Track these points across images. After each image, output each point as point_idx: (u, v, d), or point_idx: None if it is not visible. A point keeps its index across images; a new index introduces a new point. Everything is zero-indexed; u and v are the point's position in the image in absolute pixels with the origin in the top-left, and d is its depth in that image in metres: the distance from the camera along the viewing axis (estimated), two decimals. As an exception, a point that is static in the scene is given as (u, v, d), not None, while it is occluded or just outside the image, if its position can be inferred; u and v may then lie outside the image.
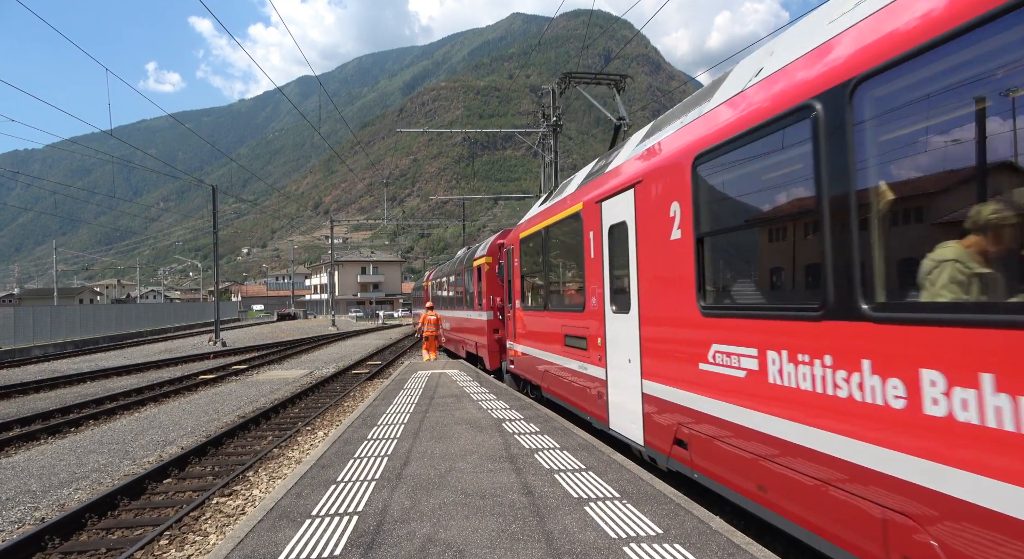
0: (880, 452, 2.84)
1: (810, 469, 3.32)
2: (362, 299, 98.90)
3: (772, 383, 3.65)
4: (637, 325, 5.72)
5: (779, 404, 3.59)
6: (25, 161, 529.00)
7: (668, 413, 5.09)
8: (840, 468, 3.09)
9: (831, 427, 3.16)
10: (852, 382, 3.03)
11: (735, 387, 4.03)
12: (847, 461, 3.04)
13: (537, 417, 8.56)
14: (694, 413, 4.60)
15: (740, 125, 4.02)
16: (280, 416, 11.82)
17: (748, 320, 3.94)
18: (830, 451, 3.16)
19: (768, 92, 3.84)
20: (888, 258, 2.91)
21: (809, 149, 3.35)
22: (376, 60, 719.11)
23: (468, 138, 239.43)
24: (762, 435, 3.74)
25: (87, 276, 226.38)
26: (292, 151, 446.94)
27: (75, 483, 7.48)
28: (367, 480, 5.60)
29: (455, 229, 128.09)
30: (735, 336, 4.06)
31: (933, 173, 2.76)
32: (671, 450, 5.06)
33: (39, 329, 32.18)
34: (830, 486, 3.17)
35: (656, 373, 5.33)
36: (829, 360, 3.18)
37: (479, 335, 15.39)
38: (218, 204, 32.70)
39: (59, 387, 16.74)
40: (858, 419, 2.98)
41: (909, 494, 2.67)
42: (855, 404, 3.00)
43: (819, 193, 3.26)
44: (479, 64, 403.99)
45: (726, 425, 4.16)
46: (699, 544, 3.88)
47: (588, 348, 7.25)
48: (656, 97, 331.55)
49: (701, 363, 4.45)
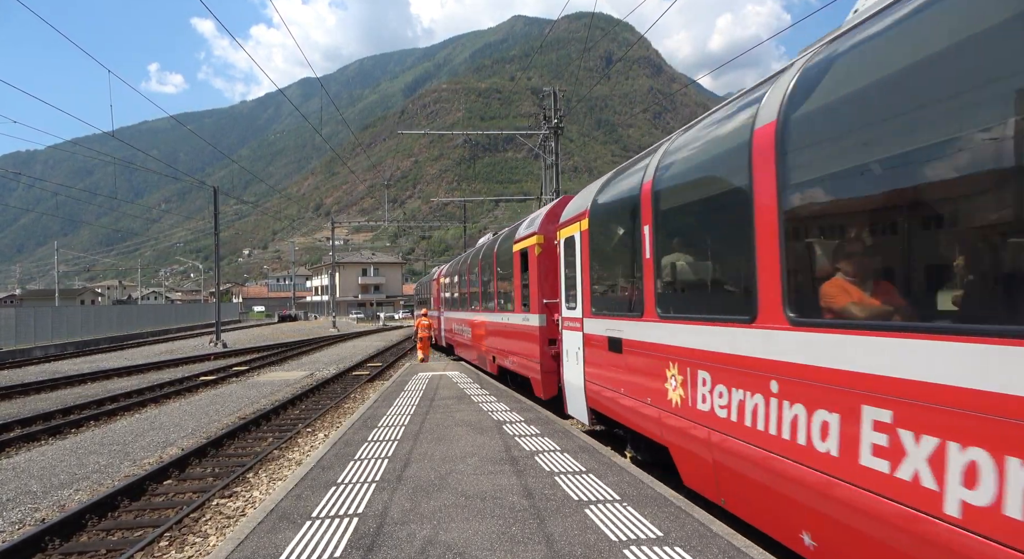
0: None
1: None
2: (363, 301, 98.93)
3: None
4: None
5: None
6: (27, 162, 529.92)
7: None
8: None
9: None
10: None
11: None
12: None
13: (538, 419, 8.55)
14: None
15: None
16: (280, 417, 11.82)
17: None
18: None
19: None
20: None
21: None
22: (378, 62, 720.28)
23: (469, 140, 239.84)
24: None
25: (88, 277, 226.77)
26: (293, 152, 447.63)
27: (75, 484, 7.48)
28: (367, 482, 5.59)
29: (456, 231, 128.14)
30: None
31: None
32: None
33: (40, 330, 32.21)
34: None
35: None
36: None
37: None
38: (219, 205, 32.72)
39: (60, 388, 16.75)
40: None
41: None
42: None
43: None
44: (480, 66, 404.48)
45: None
46: (699, 547, 3.87)
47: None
48: (657, 99, 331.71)
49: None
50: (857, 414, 2.90)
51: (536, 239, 10.01)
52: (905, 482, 2.62)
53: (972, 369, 2.33)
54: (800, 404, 3.34)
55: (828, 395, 3.11)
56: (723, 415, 4.19)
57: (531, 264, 10.22)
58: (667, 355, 5.06)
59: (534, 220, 10.76)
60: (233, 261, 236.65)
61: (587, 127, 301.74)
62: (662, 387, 5.18)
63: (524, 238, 10.86)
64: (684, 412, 4.79)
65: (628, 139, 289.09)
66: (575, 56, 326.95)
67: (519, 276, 11.06)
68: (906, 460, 2.62)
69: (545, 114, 20.89)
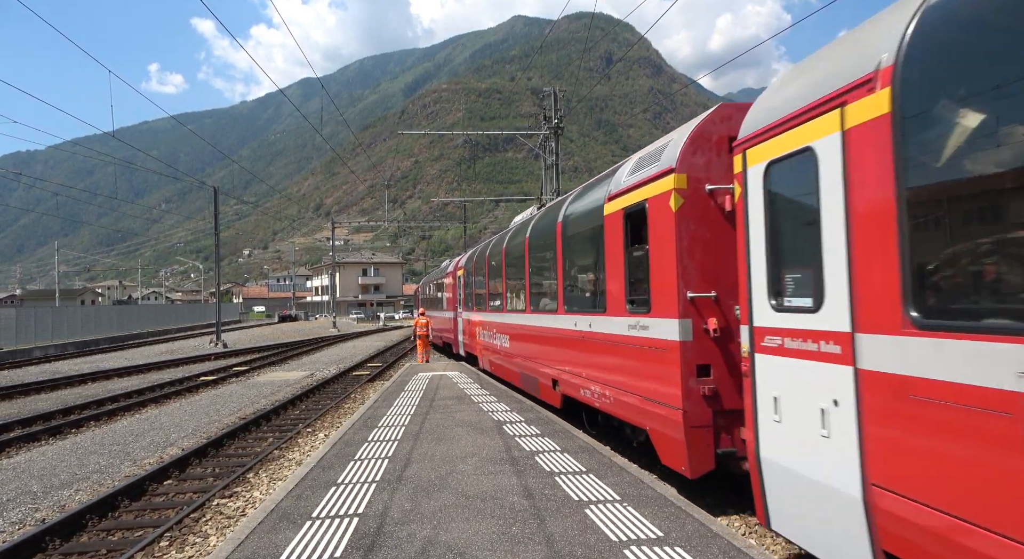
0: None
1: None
2: (363, 301, 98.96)
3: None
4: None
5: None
6: (27, 162, 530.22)
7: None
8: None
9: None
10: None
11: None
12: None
13: (538, 419, 8.55)
14: None
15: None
16: (281, 418, 11.82)
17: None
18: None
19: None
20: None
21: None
22: (378, 62, 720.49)
23: (469, 140, 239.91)
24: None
25: (89, 277, 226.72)
26: (294, 153, 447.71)
27: (76, 484, 7.48)
28: (368, 482, 5.60)
29: (456, 231, 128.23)
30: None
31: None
32: None
33: (40, 330, 32.22)
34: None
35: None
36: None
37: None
38: (219, 205, 32.74)
39: (60, 388, 16.75)
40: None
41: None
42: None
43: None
44: (481, 66, 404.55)
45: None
46: (700, 547, 3.87)
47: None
48: (658, 99, 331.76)
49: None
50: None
51: (669, 183, 5.49)
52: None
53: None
54: None
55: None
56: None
57: (657, 230, 5.74)
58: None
59: (658, 152, 5.98)
60: (233, 261, 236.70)
61: (587, 127, 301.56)
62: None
63: (634, 188, 6.24)
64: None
65: (628, 139, 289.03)
66: (575, 56, 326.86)
67: (619, 255, 6.55)
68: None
69: (545, 114, 20.90)
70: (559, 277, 8.92)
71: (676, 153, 5.52)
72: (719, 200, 5.36)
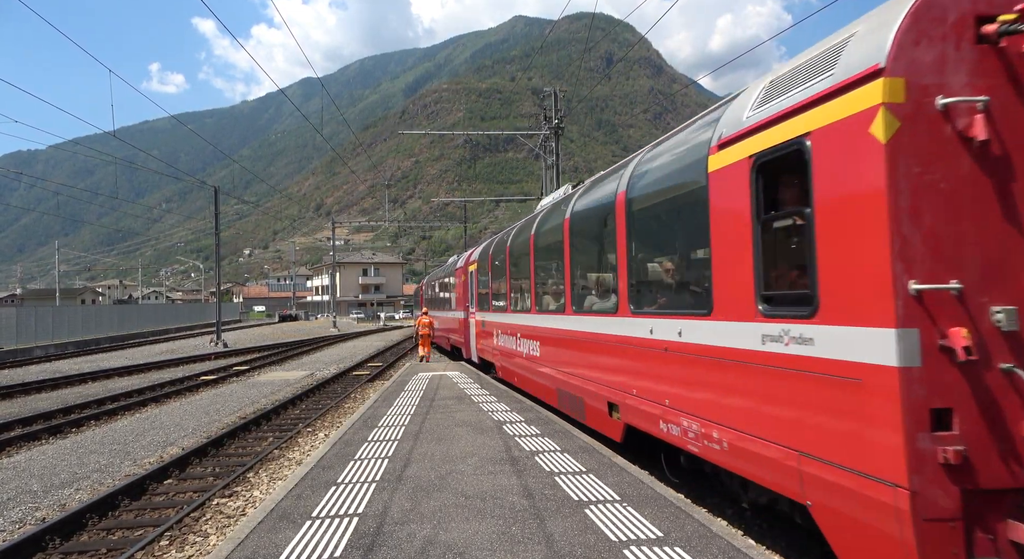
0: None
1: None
2: (363, 301, 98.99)
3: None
4: None
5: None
6: (28, 162, 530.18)
7: None
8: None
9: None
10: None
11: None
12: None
13: (538, 419, 8.55)
14: None
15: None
16: (281, 417, 11.83)
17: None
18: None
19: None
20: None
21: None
22: (378, 62, 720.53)
23: (470, 140, 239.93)
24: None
25: (89, 277, 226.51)
26: (294, 153, 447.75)
27: (76, 483, 7.48)
28: (368, 481, 5.60)
29: (456, 231, 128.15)
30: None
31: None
32: None
33: (41, 329, 32.22)
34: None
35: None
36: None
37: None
38: (220, 205, 32.77)
39: (60, 387, 16.76)
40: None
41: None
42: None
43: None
44: (481, 66, 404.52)
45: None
46: (700, 547, 3.87)
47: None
48: (658, 100, 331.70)
49: None
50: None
51: (873, 95, 3.12)
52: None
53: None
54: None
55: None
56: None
57: (838, 180, 3.41)
58: None
59: (835, 52, 3.52)
60: (234, 261, 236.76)
61: (587, 127, 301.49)
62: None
63: (779, 119, 3.84)
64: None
65: (628, 139, 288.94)
66: (576, 56, 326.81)
67: (741, 228, 4.25)
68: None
69: (546, 114, 20.91)
70: (622, 267, 6.47)
71: (887, 42, 3.10)
72: (960, 123, 3.03)
